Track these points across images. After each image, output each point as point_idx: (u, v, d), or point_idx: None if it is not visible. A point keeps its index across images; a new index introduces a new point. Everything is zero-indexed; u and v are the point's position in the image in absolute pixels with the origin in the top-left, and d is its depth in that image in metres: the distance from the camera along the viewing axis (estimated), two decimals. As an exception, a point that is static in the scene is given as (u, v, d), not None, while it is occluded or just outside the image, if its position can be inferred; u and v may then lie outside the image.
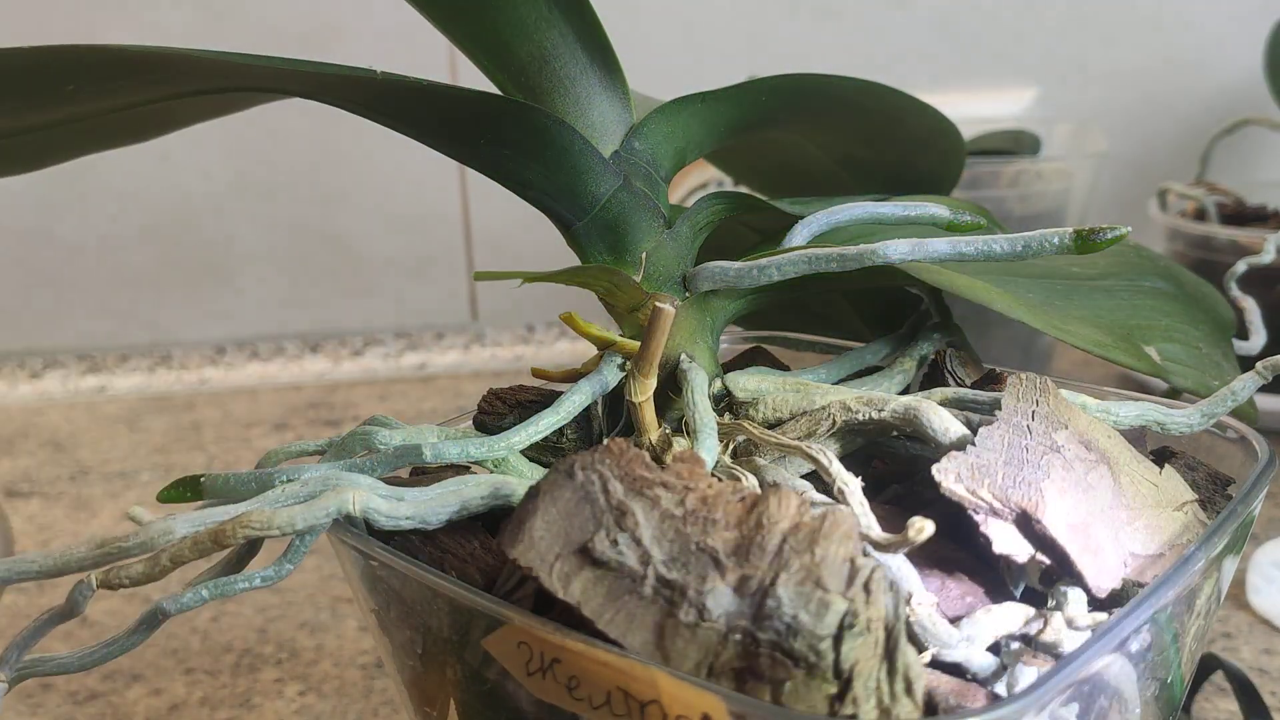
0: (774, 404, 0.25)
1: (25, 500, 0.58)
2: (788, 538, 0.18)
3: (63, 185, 0.77)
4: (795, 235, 0.29)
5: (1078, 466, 0.22)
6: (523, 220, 0.39)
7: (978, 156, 0.66)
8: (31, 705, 0.39)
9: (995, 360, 0.30)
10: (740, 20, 0.80)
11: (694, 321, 0.28)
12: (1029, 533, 0.21)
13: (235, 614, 0.45)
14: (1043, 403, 0.23)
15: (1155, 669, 0.22)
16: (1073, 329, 0.27)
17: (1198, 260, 0.61)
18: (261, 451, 0.28)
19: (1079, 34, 0.81)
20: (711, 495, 0.20)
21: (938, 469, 0.21)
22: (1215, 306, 0.34)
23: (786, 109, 0.32)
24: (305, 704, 0.39)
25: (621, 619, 0.19)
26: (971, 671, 0.20)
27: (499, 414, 0.28)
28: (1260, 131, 0.72)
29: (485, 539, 0.25)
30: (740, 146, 0.37)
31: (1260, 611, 0.41)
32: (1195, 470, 0.26)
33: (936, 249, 0.24)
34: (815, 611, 0.18)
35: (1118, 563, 0.21)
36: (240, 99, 0.30)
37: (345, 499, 0.22)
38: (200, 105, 0.29)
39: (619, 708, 0.19)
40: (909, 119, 0.34)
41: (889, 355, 0.30)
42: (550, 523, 0.20)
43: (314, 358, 0.79)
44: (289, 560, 0.24)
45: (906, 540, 0.19)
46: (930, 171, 0.37)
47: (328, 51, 0.76)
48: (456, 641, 0.23)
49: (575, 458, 0.20)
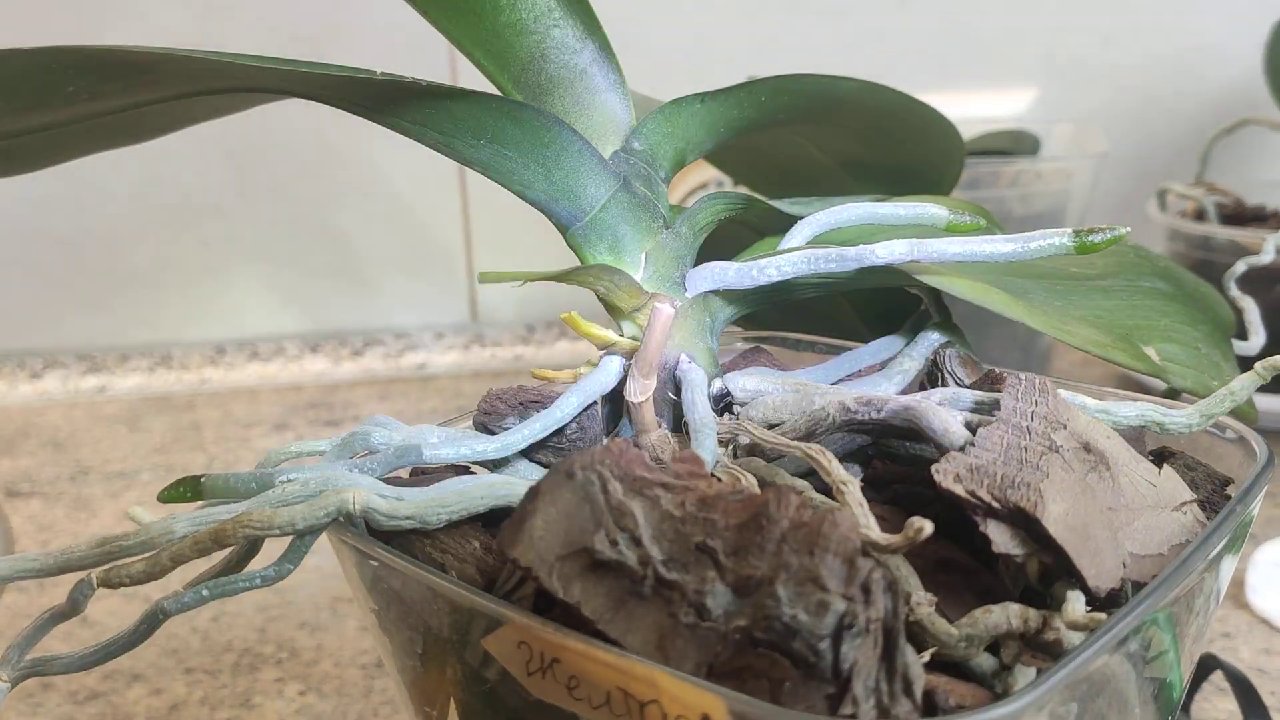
0: (773, 404, 0.25)
1: (25, 500, 0.58)
2: (787, 538, 0.18)
3: (63, 185, 0.77)
4: (795, 235, 0.29)
5: (1077, 467, 0.22)
6: (523, 220, 0.39)
7: (978, 156, 0.66)
8: (31, 705, 0.39)
9: (995, 360, 0.30)
10: (740, 20, 0.80)
11: (694, 321, 0.28)
12: (1028, 533, 0.21)
13: (235, 614, 0.45)
14: (1042, 403, 0.23)
15: (1154, 669, 0.22)
16: (1072, 329, 0.27)
17: (1197, 260, 0.61)
18: (261, 451, 0.28)
19: (1079, 34, 0.81)
20: (711, 495, 0.20)
21: (937, 469, 0.21)
22: (1215, 307, 0.34)
23: (786, 109, 0.32)
24: (305, 704, 0.39)
25: (621, 619, 0.19)
26: (971, 671, 0.20)
27: (499, 414, 0.28)
28: (1260, 131, 0.72)
29: (485, 539, 0.25)
30: (740, 147, 0.37)
31: (1259, 611, 0.41)
32: (1194, 470, 0.26)
33: (936, 249, 0.24)
34: (814, 611, 0.18)
35: (1117, 563, 0.21)
36: (240, 99, 0.30)
37: (345, 499, 0.22)
38: (200, 105, 0.29)
39: (619, 708, 0.19)
40: (909, 119, 0.34)
41: (889, 355, 0.30)
42: (550, 523, 0.20)
43: (314, 358, 0.79)
44: (289, 560, 0.24)
45: (906, 541, 0.19)
46: (930, 171, 0.37)
47: (328, 51, 0.76)
48: (456, 641, 0.23)
49: (575, 458, 0.20)
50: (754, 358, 0.31)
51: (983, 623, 0.20)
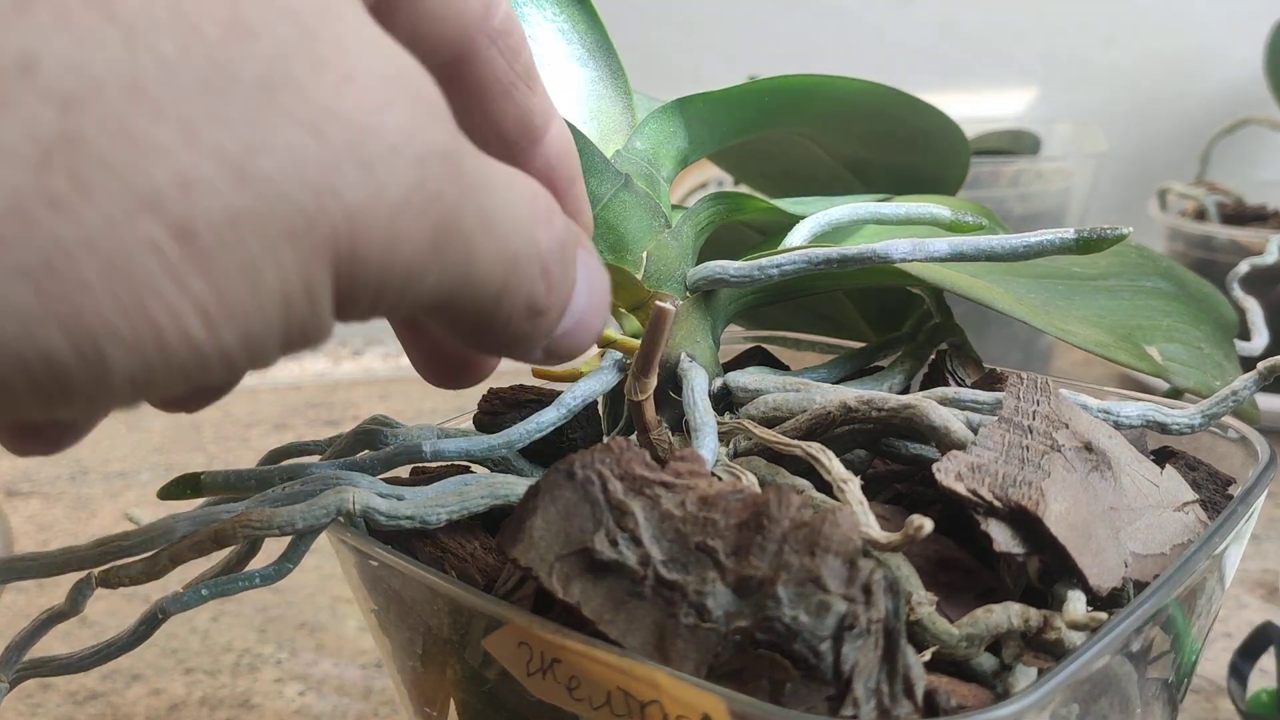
0: (774, 403, 0.25)
1: (25, 500, 0.58)
2: (788, 538, 0.18)
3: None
4: (796, 235, 0.29)
5: (1079, 466, 0.22)
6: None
7: (978, 156, 0.66)
8: (31, 705, 0.39)
9: (995, 360, 0.30)
10: (740, 20, 0.80)
11: (695, 321, 0.28)
12: (1029, 532, 0.20)
13: (235, 614, 0.45)
14: (1043, 402, 0.23)
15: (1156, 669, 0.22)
16: (1074, 329, 0.27)
17: (1198, 260, 0.61)
18: (261, 451, 0.28)
19: (1079, 34, 0.81)
20: (711, 495, 0.19)
21: (938, 468, 0.21)
22: (1217, 306, 0.34)
23: (788, 109, 0.32)
24: (305, 704, 0.39)
25: (621, 619, 0.19)
26: (972, 671, 0.20)
27: (499, 414, 0.28)
28: (1260, 131, 0.72)
29: (485, 539, 0.25)
30: (742, 146, 0.37)
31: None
32: (1196, 470, 0.26)
33: (937, 249, 0.24)
34: (815, 612, 0.18)
35: (1118, 562, 0.21)
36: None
37: (345, 499, 0.22)
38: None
39: (619, 708, 0.19)
40: (911, 119, 0.34)
41: (889, 355, 0.30)
42: (550, 523, 0.20)
43: (314, 358, 0.79)
44: (289, 560, 0.24)
45: (906, 539, 0.18)
46: (934, 172, 0.37)
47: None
48: (456, 641, 0.23)
49: (575, 457, 0.20)
50: (754, 357, 0.31)
51: (984, 622, 0.19)
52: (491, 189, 0.16)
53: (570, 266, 0.18)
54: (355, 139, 0.14)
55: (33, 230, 0.12)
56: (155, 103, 0.12)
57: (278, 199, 0.13)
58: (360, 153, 0.14)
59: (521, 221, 0.17)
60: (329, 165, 0.13)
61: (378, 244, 0.14)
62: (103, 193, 0.12)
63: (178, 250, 0.12)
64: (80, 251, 0.12)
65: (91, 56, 0.12)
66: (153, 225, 0.12)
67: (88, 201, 0.12)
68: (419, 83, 0.15)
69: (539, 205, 0.17)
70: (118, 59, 0.12)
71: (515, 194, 0.17)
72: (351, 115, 0.14)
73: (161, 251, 0.12)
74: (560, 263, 0.18)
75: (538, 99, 0.21)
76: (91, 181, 0.12)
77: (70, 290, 0.12)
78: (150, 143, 0.12)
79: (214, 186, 0.12)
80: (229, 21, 0.13)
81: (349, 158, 0.14)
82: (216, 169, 0.13)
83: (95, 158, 0.12)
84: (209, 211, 0.12)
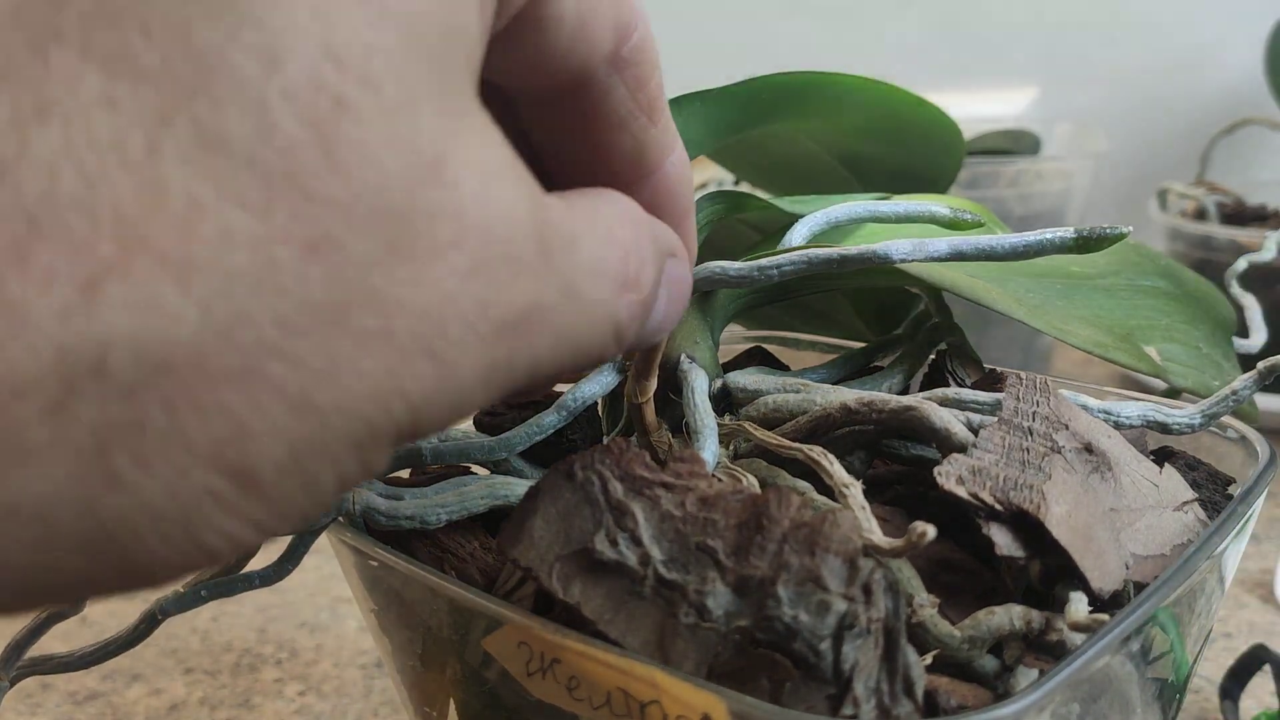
0: (774, 404, 0.25)
1: (25, 500, 0.58)
2: (788, 538, 0.18)
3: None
4: (795, 234, 0.29)
5: (1079, 467, 0.22)
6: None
7: (978, 156, 0.66)
8: (31, 705, 0.39)
9: (995, 360, 0.30)
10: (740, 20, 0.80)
11: (694, 321, 0.28)
12: (1031, 535, 0.20)
13: (235, 614, 0.45)
14: (1043, 403, 0.23)
15: (1156, 670, 0.22)
16: (1073, 329, 0.27)
17: (1198, 260, 0.61)
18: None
19: (1079, 34, 0.81)
20: (711, 495, 0.19)
21: (939, 472, 0.21)
22: (1216, 306, 0.33)
23: (787, 107, 0.32)
24: (305, 704, 0.39)
25: (621, 619, 0.19)
26: (973, 672, 0.20)
27: (499, 414, 0.28)
28: (1260, 131, 0.72)
29: (485, 539, 0.25)
30: (741, 144, 0.37)
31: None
32: (1196, 470, 0.26)
33: (937, 249, 0.24)
34: (815, 612, 0.18)
35: (1119, 563, 0.21)
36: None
37: (345, 499, 0.22)
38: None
39: (619, 708, 0.19)
40: (909, 116, 0.34)
41: (889, 355, 0.30)
42: (550, 523, 0.20)
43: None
44: (289, 560, 0.24)
45: (908, 545, 0.18)
46: (929, 168, 0.37)
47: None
48: (456, 641, 0.23)
49: (575, 458, 0.20)
50: (754, 358, 0.31)
51: (986, 624, 0.19)
52: (576, 258, 0.15)
53: (649, 311, 0.17)
54: (425, 331, 0.13)
55: (92, 510, 0.11)
56: (222, 371, 0.12)
57: (340, 420, 0.12)
58: (430, 345, 0.13)
59: (606, 293, 0.15)
60: (395, 369, 0.12)
61: (444, 411, 0.13)
62: (163, 464, 0.11)
63: (237, 493, 0.12)
64: (138, 515, 0.11)
65: (162, 338, 0.11)
66: (212, 477, 0.12)
67: (148, 476, 0.11)
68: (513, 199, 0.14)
69: (629, 268, 0.16)
70: (188, 337, 0.11)
71: (605, 257, 0.15)
72: (425, 305, 0.13)
73: (221, 497, 0.12)
74: (639, 320, 0.16)
75: (657, 131, 0.19)
76: (151, 457, 0.11)
77: (127, 547, 0.12)
78: (213, 405, 0.12)
79: (275, 426, 0.12)
80: (309, 242, 0.12)
81: (417, 351, 0.13)
82: (278, 409, 0.12)
83: (156, 434, 0.11)
84: (270, 450, 0.12)
